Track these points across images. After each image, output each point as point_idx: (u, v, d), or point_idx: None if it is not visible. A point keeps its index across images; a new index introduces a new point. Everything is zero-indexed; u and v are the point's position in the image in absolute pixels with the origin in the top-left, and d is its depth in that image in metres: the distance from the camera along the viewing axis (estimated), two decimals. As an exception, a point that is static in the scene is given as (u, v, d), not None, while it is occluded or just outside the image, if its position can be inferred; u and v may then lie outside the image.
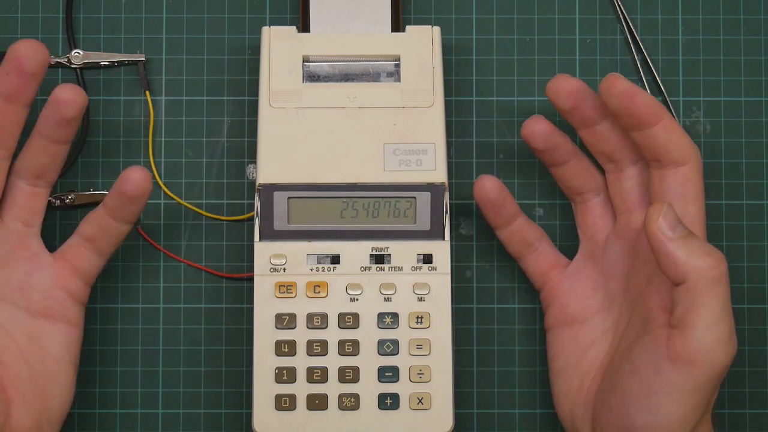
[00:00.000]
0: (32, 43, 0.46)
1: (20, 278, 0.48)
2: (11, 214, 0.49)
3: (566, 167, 0.50)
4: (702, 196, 0.47)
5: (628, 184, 0.49)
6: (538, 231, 0.51)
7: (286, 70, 0.51)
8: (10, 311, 0.48)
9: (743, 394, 0.54)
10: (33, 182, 0.49)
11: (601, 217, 0.51)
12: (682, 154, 0.47)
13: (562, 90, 0.48)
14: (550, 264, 0.51)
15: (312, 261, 0.49)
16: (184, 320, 0.54)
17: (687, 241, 0.44)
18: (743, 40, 0.55)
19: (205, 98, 0.55)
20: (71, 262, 0.49)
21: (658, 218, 0.44)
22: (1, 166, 0.48)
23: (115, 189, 0.48)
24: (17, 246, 0.49)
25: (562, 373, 0.50)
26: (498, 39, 0.55)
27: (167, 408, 0.53)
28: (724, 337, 0.44)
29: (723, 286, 0.44)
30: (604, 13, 0.55)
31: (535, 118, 0.49)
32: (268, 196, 0.49)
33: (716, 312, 0.44)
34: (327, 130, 0.50)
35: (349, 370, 0.49)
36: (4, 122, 0.47)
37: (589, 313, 0.50)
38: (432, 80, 0.51)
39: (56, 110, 0.47)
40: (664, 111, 0.47)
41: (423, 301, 0.49)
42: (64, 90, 0.47)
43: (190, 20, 0.55)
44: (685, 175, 0.47)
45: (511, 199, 0.50)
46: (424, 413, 0.49)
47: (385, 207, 0.50)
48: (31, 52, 0.46)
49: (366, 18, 0.52)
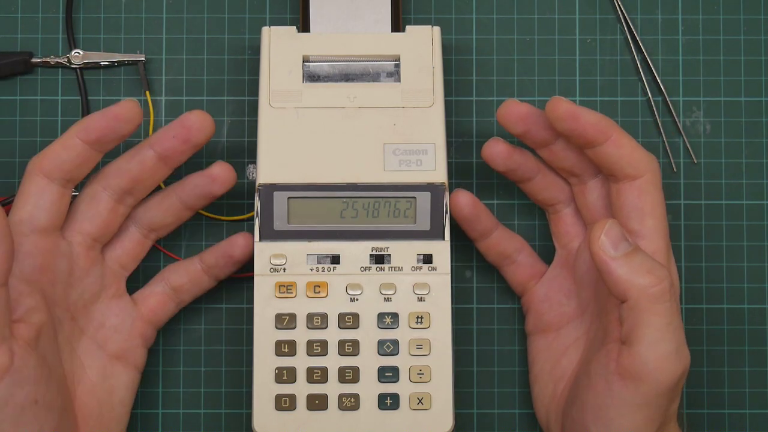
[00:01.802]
0: (205, 116, 0.48)
1: (105, 317, 0.49)
2: (114, 254, 0.50)
3: (532, 183, 0.51)
4: (661, 208, 0.47)
5: (592, 196, 0.50)
6: (517, 242, 0.52)
7: (286, 70, 0.51)
8: (89, 346, 0.49)
9: (743, 394, 0.54)
10: (146, 233, 0.50)
11: (573, 226, 0.51)
12: (635, 168, 0.47)
13: (511, 115, 0.48)
14: (528, 275, 0.52)
15: (312, 261, 0.49)
16: (185, 320, 0.54)
17: (629, 259, 0.44)
18: (743, 40, 0.55)
19: (205, 98, 0.55)
20: (150, 309, 0.50)
21: (599, 236, 0.44)
22: (124, 213, 0.49)
23: (221, 250, 0.50)
24: (109, 285, 0.49)
25: (538, 378, 0.51)
26: (498, 39, 0.55)
27: (167, 408, 0.53)
28: (670, 353, 0.44)
29: (665, 302, 0.44)
30: (604, 13, 0.55)
31: (492, 141, 0.50)
32: (268, 196, 0.49)
33: (660, 329, 0.44)
34: (327, 130, 0.50)
35: (349, 370, 0.49)
36: (149, 176, 0.48)
37: (563, 321, 0.51)
38: (432, 80, 0.51)
39: (209, 185, 0.49)
40: (612, 127, 0.47)
41: (423, 301, 0.49)
42: (221, 168, 0.49)
43: (190, 20, 0.55)
44: (641, 188, 0.47)
45: (487, 213, 0.51)
46: (424, 413, 0.49)
47: (385, 207, 0.49)
48: (202, 125, 0.47)
49: (366, 18, 0.52)
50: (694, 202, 0.55)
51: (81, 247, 0.48)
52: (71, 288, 0.48)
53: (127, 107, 0.46)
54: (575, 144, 0.48)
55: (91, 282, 0.49)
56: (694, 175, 0.55)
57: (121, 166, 0.48)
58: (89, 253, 0.48)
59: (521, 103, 0.48)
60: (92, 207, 0.48)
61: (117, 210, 0.48)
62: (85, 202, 0.48)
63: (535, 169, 0.50)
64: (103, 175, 0.48)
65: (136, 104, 0.47)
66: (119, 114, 0.46)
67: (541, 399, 0.51)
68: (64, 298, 0.48)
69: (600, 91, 0.55)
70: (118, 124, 0.46)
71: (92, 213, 0.48)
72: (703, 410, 0.54)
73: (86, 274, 0.48)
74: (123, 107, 0.46)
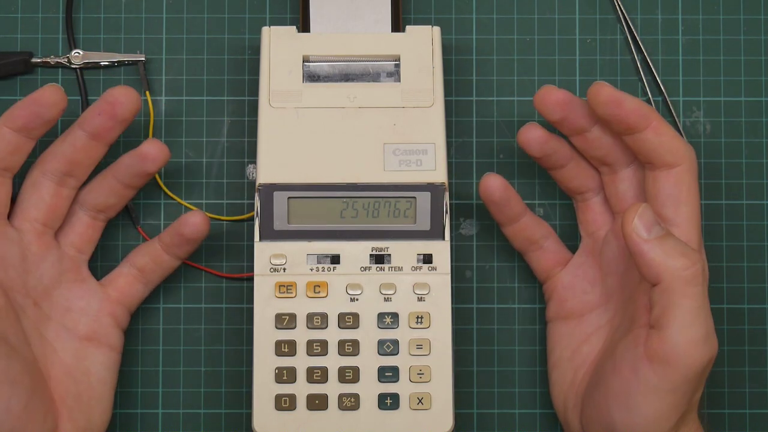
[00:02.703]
0: (129, 91, 0.48)
1: (69, 301, 0.50)
2: (68, 239, 0.50)
3: (564, 170, 0.51)
4: (696, 197, 0.47)
5: (623, 185, 0.50)
6: (544, 229, 0.52)
7: (286, 70, 0.51)
8: (57, 331, 0.49)
9: (743, 394, 0.54)
10: (94, 215, 0.50)
11: (601, 215, 0.51)
12: (674, 156, 0.47)
13: (549, 101, 0.48)
14: (553, 261, 0.52)
15: (312, 261, 0.49)
16: (184, 320, 0.54)
17: (662, 241, 0.44)
18: (743, 40, 0.55)
19: (205, 98, 0.55)
20: (119, 290, 0.51)
21: (633, 219, 0.45)
22: (69, 195, 0.49)
23: (174, 229, 0.50)
24: (69, 270, 0.50)
25: (557, 365, 0.51)
26: (498, 39, 0.55)
27: (167, 408, 0.53)
28: (700, 338, 0.44)
29: (698, 286, 0.44)
30: (604, 13, 0.55)
31: (529, 126, 0.50)
32: (268, 196, 0.49)
33: (691, 312, 0.44)
34: (327, 130, 0.50)
35: (349, 370, 0.49)
36: (84, 156, 0.49)
37: (587, 309, 0.51)
38: (432, 80, 0.51)
39: (140, 163, 0.49)
40: (653, 114, 0.47)
41: (423, 301, 0.49)
42: (151, 146, 0.49)
43: (190, 20, 0.55)
44: (678, 177, 0.47)
45: (517, 197, 0.50)
46: (424, 413, 0.49)
47: (385, 207, 0.49)
48: (126, 99, 0.48)
49: (366, 18, 0.52)
50: (694, 202, 0.55)
51: (31, 234, 0.49)
52: (28, 274, 0.49)
53: (49, 92, 0.47)
54: (615, 130, 0.48)
55: (48, 267, 0.49)
56: (694, 175, 0.55)
57: (55, 150, 0.49)
58: (41, 239, 0.49)
59: (559, 89, 0.48)
60: (35, 193, 0.49)
61: (60, 193, 0.49)
62: (28, 189, 0.49)
63: (569, 156, 0.50)
64: (41, 160, 0.49)
65: (58, 89, 0.47)
66: (40, 99, 0.47)
67: (559, 385, 0.51)
68: (22, 284, 0.48)
69: (600, 91, 0.55)
70: (41, 109, 0.47)
71: (36, 199, 0.49)
72: (703, 410, 0.54)
73: (41, 259, 0.49)
74: (44, 92, 0.47)
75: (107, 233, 0.53)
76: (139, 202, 0.54)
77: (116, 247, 0.54)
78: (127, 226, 0.54)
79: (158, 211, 0.54)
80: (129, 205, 0.53)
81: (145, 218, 0.54)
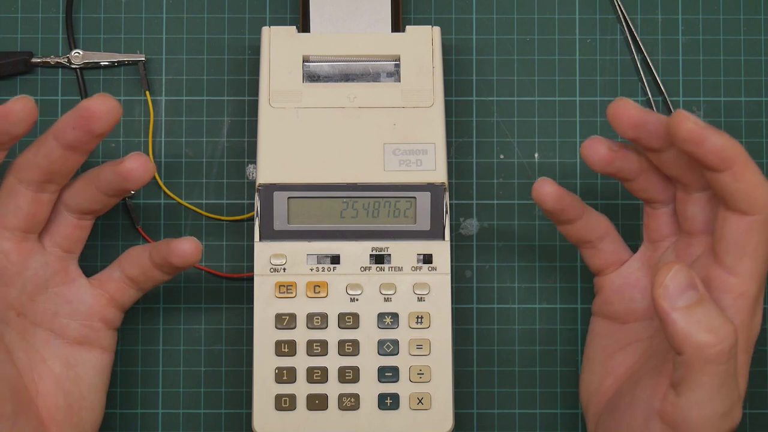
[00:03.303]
0: (106, 101, 0.44)
1: (58, 305, 0.47)
2: (53, 241, 0.47)
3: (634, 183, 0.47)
4: (764, 249, 0.43)
5: (694, 209, 0.46)
6: (601, 229, 0.49)
7: (286, 70, 0.51)
8: (46, 337, 0.47)
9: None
10: (80, 216, 0.48)
11: (667, 226, 0.48)
12: (749, 205, 0.43)
13: (623, 119, 0.45)
14: (606, 262, 0.49)
15: (312, 261, 0.49)
16: (184, 320, 0.54)
17: (691, 311, 0.41)
18: (743, 40, 0.55)
19: (205, 98, 0.55)
20: (110, 293, 0.48)
21: (663, 282, 0.41)
22: (50, 198, 0.46)
23: (163, 253, 0.47)
24: (56, 272, 0.47)
25: (590, 361, 0.49)
26: (498, 39, 0.55)
27: (167, 408, 0.53)
28: (716, 415, 0.42)
29: (722, 364, 0.41)
30: (604, 13, 0.55)
31: (593, 141, 0.46)
32: (268, 196, 0.49)
33: (709, 391, 0.41)
34: (327, 130, 0.50)
35: (349, 370, 0.49)
36: (61, 166, 0.45)
37: (631, 318, 0.48)
38: (432, 80, 0.51)
39: (121, 181, 0.45)
40: (738, 155, 0.42)
41: (423, 301, 0.49)
42: (134, 162, 0.45)
43: (190, 20, 0.55)
44: (750, 226, 0.43)
45: (573, 204, 0.48)
46: (424, 413, 0.49)
47: (385, 207, 0.50)
48: (103, 111, 0.44)
49: (366, 18, 0.52)
50: (694, 202, 0.55)
51: (10, 242, 0.46)
52: (9, 287, 0.46)
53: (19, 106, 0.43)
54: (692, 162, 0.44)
55: (33, 274, 0.47)
56: (694, 175, 0.55)
57: (29, 160, 0.45)
58: (22, 246, 0.46)
59: (634, 105, 0.44)
60: (12, 201, 0.46)
61: (40, 199, 0.46)
62: (3, 197, 0.46)
63: (638, 170, 0.47)
64: (16, 168, 0.46)
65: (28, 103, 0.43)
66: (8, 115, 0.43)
67: (587, 384, 0.49)
68: (2, 298, 0.46)
69: (600, 91, 0.55)
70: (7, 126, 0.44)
71: (13, 207, 0.46)
72: None
73: (24, 267, 0.46)
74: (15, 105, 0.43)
75: (107, 233, 0.53)
76: (139, 202, 0.54)
77: (116, 247, 0.54)
78: (127, 226, 0.54)
79: (158, 211, 0.54)
80: (129, 205, 0.53)
81: (145, 218, 0.54)
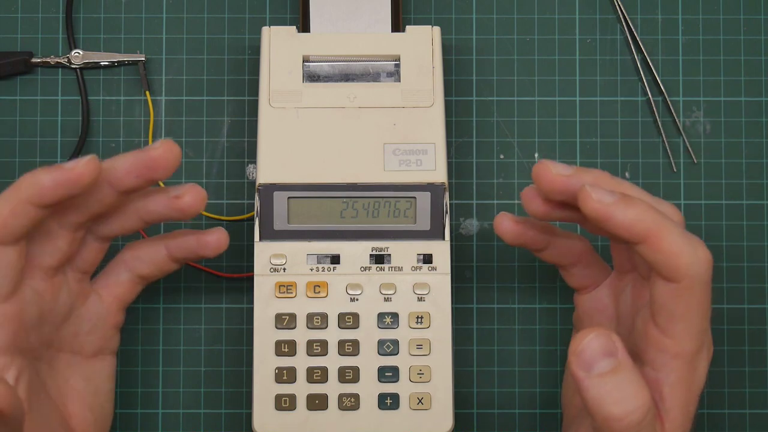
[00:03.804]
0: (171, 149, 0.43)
1: (78, 326, 0.47)
2: (74, 266, 0.46)
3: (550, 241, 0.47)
4: (697, 311, 0.42)
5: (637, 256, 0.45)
6: (573, 255, 0.48)
7: (286, 70, 0.51)
8: (68, 360, 0.47)
9: (743, 394, 0.54)
10: (102, 241, 0.47)
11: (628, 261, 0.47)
12: (671, 274, 0.41)
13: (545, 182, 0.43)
14: (580, 284, 0.49)
15: (312, 261, 0.49)
16: (184, 320, 0.54)
17: (604, 380, 0.39)
18: (743, 40, 0.55)
19: (205, 98, 0.55)
20: (119, 297, 0.48)
21: (577, 349, 0.39)
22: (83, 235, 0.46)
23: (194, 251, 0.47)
24: (78, 296, 0.46)
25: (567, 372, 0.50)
26: (498, 39, 0.55)
27: (167, 408, 0.53)
28: None
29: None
30: (604, 13, 0.55)
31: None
32: (268, 196, 0.49)
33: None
34: (327, 130, 0.50)
35: (349, 370, 0.49)
36: (110, 209, 0.45)
37: None
38: (432, 80, 0.51)
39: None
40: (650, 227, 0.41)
41: (423, 301, 0.49)
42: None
43: (190, 20, 0.55)
44: (676, 291, 0.41)
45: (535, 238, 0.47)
46: (424, 413, 0.49)
47: (385, 207, 0.49)
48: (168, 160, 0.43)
49: (366, 18, 0.52)
50: (694, 202, 0.55)
51: (44, 282, 0.44)
52: (43, 325, 0.45)
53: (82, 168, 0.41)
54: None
55: (61, 305, 0.45)
56: (694, 175, 0.55)
57: (78, 204, 0.44)
58: (53, 281, 0.45)
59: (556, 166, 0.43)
60: (50, 243, 0.44)
61: (78, 237, 0.45)
62: (41, 238, 0.44)
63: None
64: (59, 212, 0.44)
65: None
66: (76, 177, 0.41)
67: (563, 390, 0.49)
68: (37, 339, 0.45)
69: (600, 91, 0.55)
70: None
71: (51, 248, 0.44)
72: (703, 410, 0.54)
73: (55, 303, 0.45)
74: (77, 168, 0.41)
75: (107, 233, 0.53)
76: (139, 202, 0.54)
77: (116, 246, 0.54)
78: (127, 226, 0.54)
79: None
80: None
81: (145, 218, 0.54)
